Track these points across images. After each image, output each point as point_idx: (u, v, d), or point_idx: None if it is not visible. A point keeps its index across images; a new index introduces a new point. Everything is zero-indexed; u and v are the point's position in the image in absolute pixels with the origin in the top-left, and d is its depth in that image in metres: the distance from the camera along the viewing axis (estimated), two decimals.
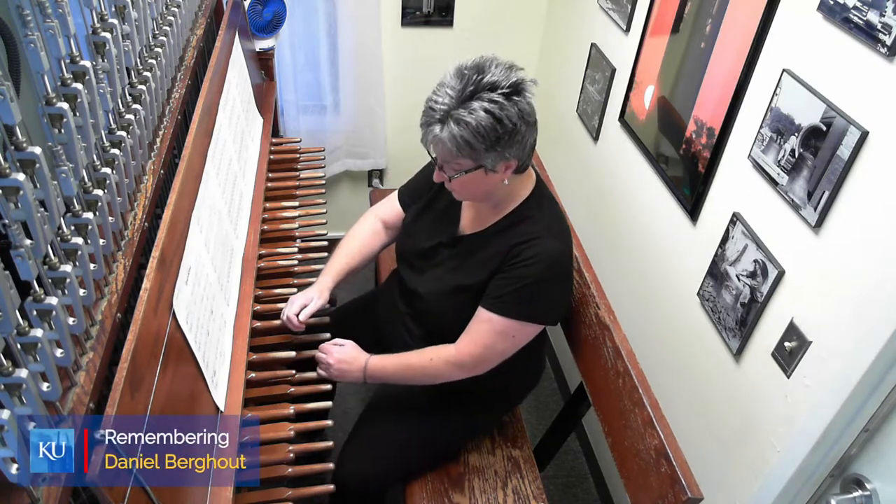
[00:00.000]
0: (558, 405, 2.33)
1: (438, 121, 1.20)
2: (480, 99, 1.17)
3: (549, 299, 1.36)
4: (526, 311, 1.33)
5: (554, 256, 1.31)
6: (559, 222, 1.38)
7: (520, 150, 1.24)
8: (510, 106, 1.18)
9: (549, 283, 1.33)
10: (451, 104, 1.18)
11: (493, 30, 2.51)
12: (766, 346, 1.30)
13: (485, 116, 1.17)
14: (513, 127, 1.19)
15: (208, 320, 1.18)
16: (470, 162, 1.23)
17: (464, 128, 1.18)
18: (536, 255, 1.29)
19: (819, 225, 1.15)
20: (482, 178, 1.27)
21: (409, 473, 1.57)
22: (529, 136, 1.25)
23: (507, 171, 1.28)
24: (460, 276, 1.39)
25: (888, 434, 1.11)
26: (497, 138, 1.19)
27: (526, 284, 1.30)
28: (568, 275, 1.39)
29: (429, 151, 1.28)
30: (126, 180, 1.09)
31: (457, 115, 1.18)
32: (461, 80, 1.19)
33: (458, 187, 1.32)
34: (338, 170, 2.72)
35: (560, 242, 1.33)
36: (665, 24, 1.65)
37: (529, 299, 1.32)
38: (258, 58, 2.12)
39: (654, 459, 1.27)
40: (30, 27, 0.79)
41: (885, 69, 1.02)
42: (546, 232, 1.32)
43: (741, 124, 1.38)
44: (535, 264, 1.29)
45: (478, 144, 1.19)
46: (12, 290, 0.69)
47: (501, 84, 1.18)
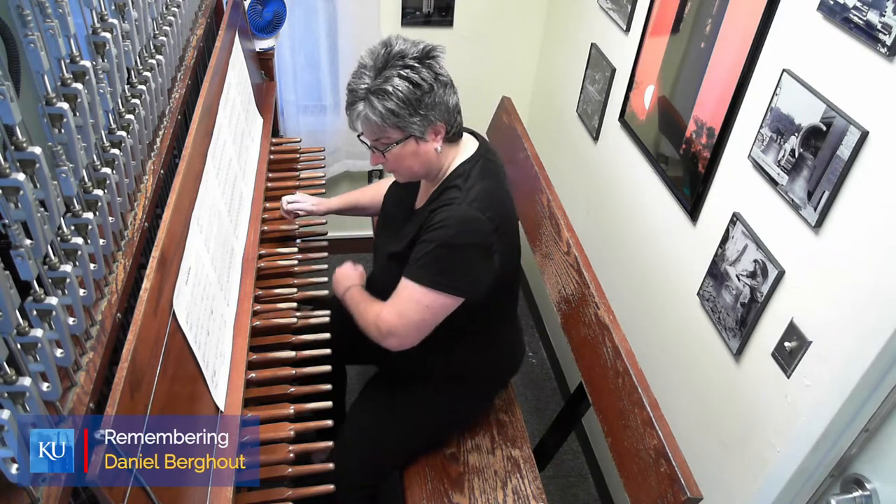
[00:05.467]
0: (558, 405, 2.33)
1: (361, 99, 1.26)
2: (394, 67, 1.24)
3: (459, 268, 1.30)
4: (434, 279, 1.29)
5: (464, 220, 1.27)
6: (487, 193, 1.31)
7: (443, 111, 1.29)
8: (423, 69, 1.25)
9: (459, 249, 1.28)
10: (369, 83, 1.25)
11: (493, 30, 2.51)
12: (766, 346, 1.30)
13: (400, 82, 1.23)
14: (429, 87, 1.25)
15: (208, 320, 1.18)
16: (398, 132, 1.28)
17: (384, 97, 1.24)
18: (445, 219, 1.27)
19: (819, 225, 1.15)
20: (414, 148, 1.30)
21: (403, 464, 1.58)
22: (449, 98, 1.30)
23: (437, 138, 1.31)
24: (393, 244, 1.42)
25: (888, 434, 1.11)
26: (418, 100, 1.25)
27: (433, 248, 1.28)
28: (484, 246, 1.30)
29: (359, 137, 1.34)
30: (126, 180, 1.09)
31: (375, 88, 1.24)
32: (372, 57, 1.26)
33: (395, 163, 1.33)
34: (338, 170, 2.71)
35: (478, 210, 1.28)
36: (665, 24, 1.65)
37: (438, 265, 1.29)
38: (258, 58, 2.12)
39: (653, 459, 1.27)
40: (30, 27, 0.79)
41: (885, 69, 1.02)
42: (464, 198, 1.29)
43: (741, 124, 1.38)
44: (442, 228, 1.27)
45: (401, 111, 1.25)
46: (12, 290, 0.69)
47: (410, 52, 1.25)
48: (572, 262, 1.67)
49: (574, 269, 1.66)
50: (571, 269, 1.67)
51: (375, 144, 1.32)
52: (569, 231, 1.72)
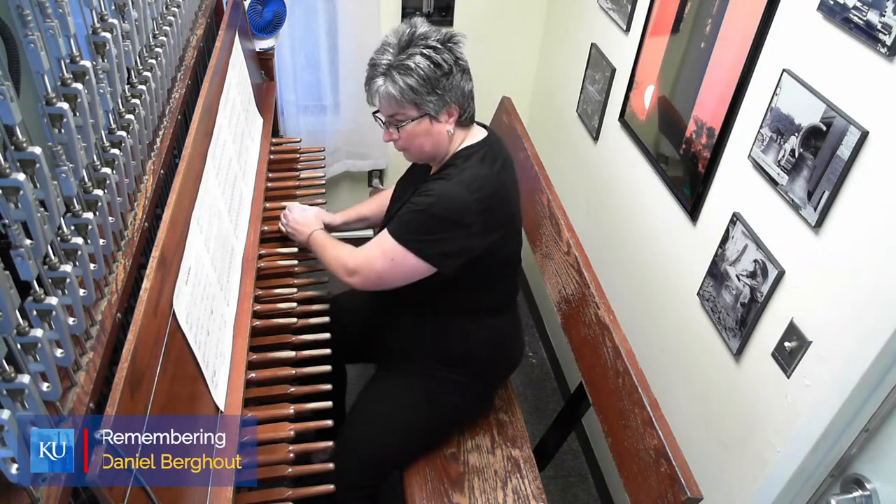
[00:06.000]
0: (558, 405, 2.33)
1: (381, 74, 1.32)
2: (417, 45, 1.30)
3: (434, 237, 1.34)
4: (407, 237, 1.35)
5: (448, 195, 1.32)
6: (482, 177, 1.35)
7: (458, 95, 1.34)
8: (444, 51, 1.31)
9: (438, 219, 1.33)
10: (391, 59, 1.31)
11: (493, 30, 2.51)
12: (766, 346, 1.30)
13: (422, 60, 1.29)
14: (449, 69, 1.31)
15: (208, 320, 1.18)
16: (415, 110, 1.34)
17: (406, 73, 1.30)
18: (432, 190, 1.34)
19: (819, 225, 1.15)
20: (428, 127, 1.36)
21: (404, 463, 1.58)
22: (465, 83, 1.36)
23: (450, 120, 1.36)
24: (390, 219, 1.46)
25: (888, 434, 1.11)
26: (437, 80, 1.31)
27: (414, 210, 1.35)
28: (462, 223, 1.33)
29: (374, 115, 1.40)
30: (126, 180, 1.09)
31: (398, 64, 1.30)
32: (397, 35, 1.32)
33: (407, 140, 1.38)
34: (338, 170, 2.71)
35: (466, 190, 1.32)
36: (665, 24, 1.65)
37: (412, 227, 1.35)
38: (258, 58, 2.12)
39: (653, 459, 1.27)
40: (30, 27, 0.79)
41: (885, 69, 1.02)
42: (457, 175, 1.34)
43: (741, 124, 1.38)
44: (427, 196, 1.33)
45: (420, 87, 1.30)
46: (12, 290, 0.69)
47: (433, 35, 1.32)
48: (572, 262, 1.67)
49: (574, 269, 1.66)
50: (571, 269, 1.67)
51: (390, 120, 1.37)
52: (569, 231, 1.72)
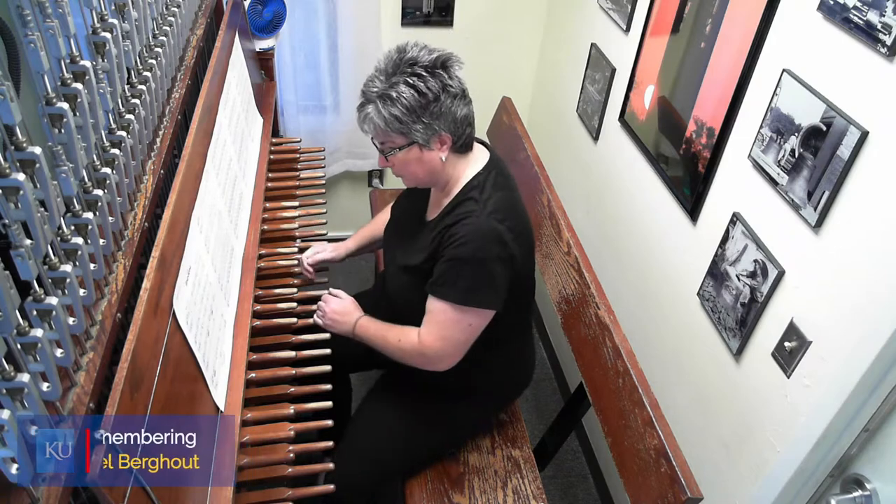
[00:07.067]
0: (558, 405, 2.33)
1: (370, 101, 1.29)
2: (402, 73, 1.26)
3: (487, 282, 1.29)
4: (468, 297, 1.29)
5: (485, 233, 1.27)
6: (504, 202, 1.32)
7: (449, 122, 1.29)
8: (431, 78, 1.25)
9: (484, 263, 1.28)
10: (379, 86, 1.27)
11: (493, 30, 2.51)
12: (766, 346, 1.30)
13: (406, 89, 1.25)
14: (434, 97, 1.26)
15: (208, 320, 1.18)
16: (402, 138, 1.29)
17: (388, 102, 1.26)
18: (466, 234, 1.28)
19: (819, 225, 1.15)
20: (419, 155, 1.31)
21: (406, 472, 1.57)
22: (458, 109, 1.29)
23: (443, 148, 1.31)
24: (406, 256, 1.41)
25: (888, 434, 1.11)
26: (422, 108, 1.26)
27: (460, 266, 1.28)
28: (507, 257, 1.30)
29: (372, 140, 1.36)
30: (126, 180, 1.09)
31: (382, 93, 1.26)
32: (386, 61, 1.28)
33: (399, 167, 1.35)
34: (338, 170, 2.71)
35: (497, 221, 1.28)
36: (665, 24, 1.65)
37: (467, 282, 1.29)
38: (258, 58, 2.12)
39: (653, 459, 1.27)
40: (30, 27, 0.79)
41: (885, 69, 1.02)
42: (481, 210, 1.29)
43: (741, 124, 1.38)
44: (466, 244, 1.27)
45: (404, 117, 1.26)
46: (12, 290, 0.69)
47: (421, 60, 1.26)
48: (572, 262, 1.67)
49: (574, 269, 1.66)
50: (572, 269, 1.67)
51: (382, 147, 1.34)
52: (569, 231, 1.72)
